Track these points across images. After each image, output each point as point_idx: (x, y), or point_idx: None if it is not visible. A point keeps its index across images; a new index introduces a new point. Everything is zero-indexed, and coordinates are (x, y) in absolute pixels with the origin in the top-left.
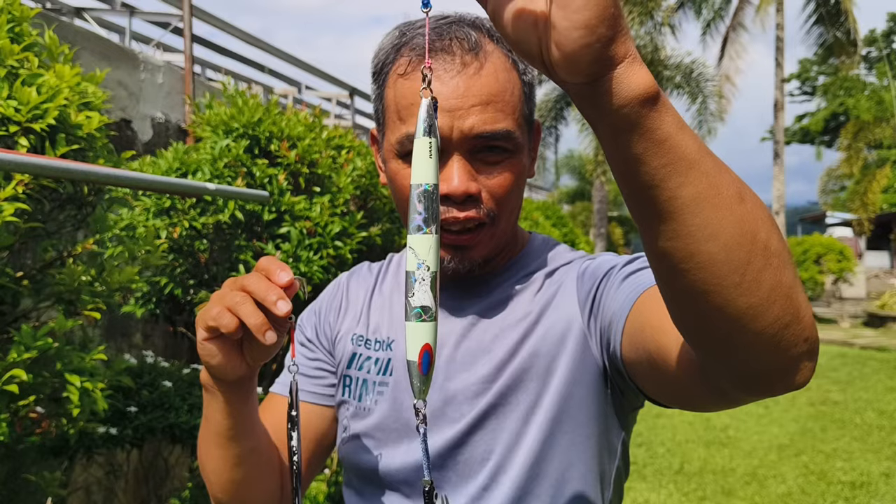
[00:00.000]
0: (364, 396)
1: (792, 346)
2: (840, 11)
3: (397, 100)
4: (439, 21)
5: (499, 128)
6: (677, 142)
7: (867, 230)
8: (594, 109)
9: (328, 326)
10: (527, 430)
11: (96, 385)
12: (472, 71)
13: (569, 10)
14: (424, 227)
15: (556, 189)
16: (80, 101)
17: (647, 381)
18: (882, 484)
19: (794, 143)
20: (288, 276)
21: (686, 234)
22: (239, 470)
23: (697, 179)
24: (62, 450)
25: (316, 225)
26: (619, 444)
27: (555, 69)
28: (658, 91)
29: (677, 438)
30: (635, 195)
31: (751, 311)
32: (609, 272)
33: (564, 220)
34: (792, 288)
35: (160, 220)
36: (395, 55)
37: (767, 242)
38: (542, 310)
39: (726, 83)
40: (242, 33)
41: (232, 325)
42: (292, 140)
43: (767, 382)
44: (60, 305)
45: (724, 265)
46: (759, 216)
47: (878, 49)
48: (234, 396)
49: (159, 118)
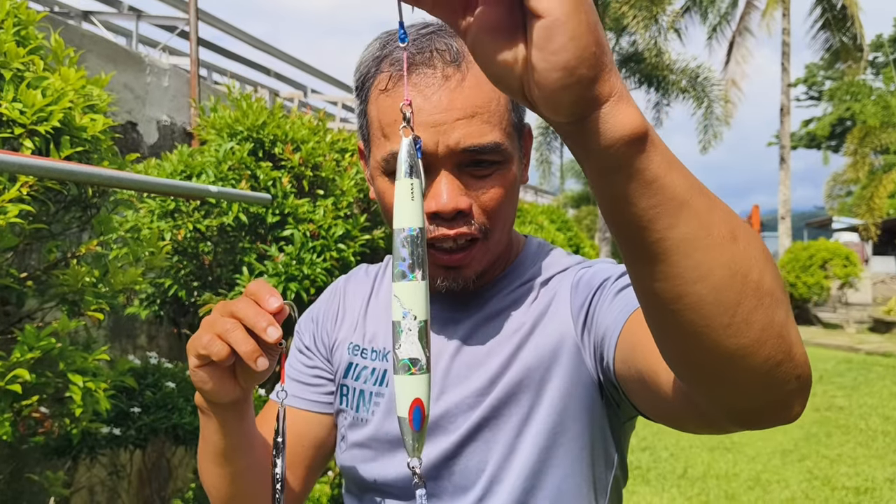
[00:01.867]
0: (361, 407)
1: (783, 383)
2: (846, 16)
3: (380, 116)
4: (420, 31)
5: (486, 141)
6: (666, 182)
7: (873, 235)
8: (580, 148)
9: (325, 334)
10: (521, 443)
11: (99, 385)
12: (454, 84)
13: (546, 52)
14: (410, 274)
15: (561, 193)
16: (84, 104)
17: (638, 398)
18: (887, 490)
19: (800, 148)
20: (278, 301)
21: (675, 275)
22: (237, 485)
23: (687, 220)
24: (65, 450)
25: (319, 227)
26: (615, 454)
27: (538, 107)
28: (646, 130)
29: (681, 443)
30: (622, 235)
31: (741, 351)
32: (603, 284)
33: (569, 224)
34: (784, 326)
35: (164, 222)
36: (375, 69)
37: (760, 282)
38: (535, 320)
39: (732, 88)
40: (248, 37)
41: (223, 352)
42: (296, 143)
43: (757, 417)
44: (64, 306)
45: (713, 306)
46: (752, 255)
47: (885, 54)
48: (229, 417)
49: (165, 121)
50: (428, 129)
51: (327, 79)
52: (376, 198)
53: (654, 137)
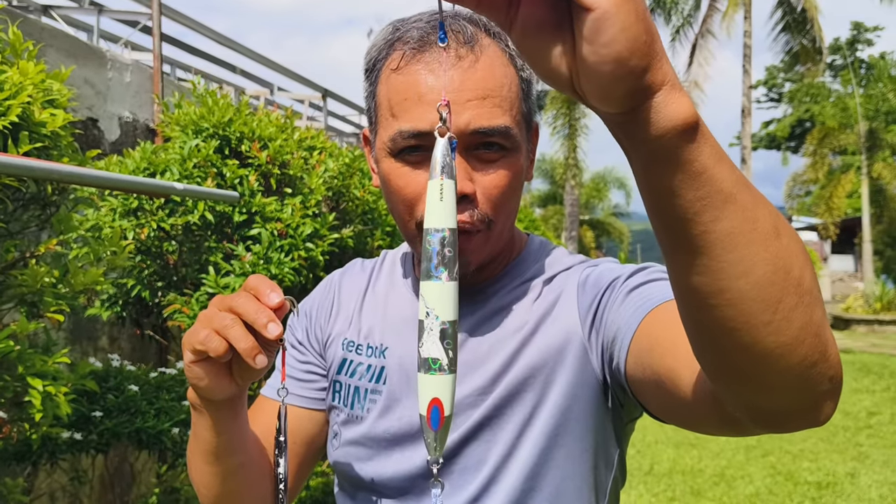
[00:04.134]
0: (356, 404)
1: (817, 384)
2: (806, 19)
3: (390, 95)
4: (433, 16)
5: (496, 123)
6: (714, 174)
7: (832, 234)
8: (628, 138)
9: (319, 329)
10: (522, 443)
11: (59, 389)
12: (467, 64)
13: (597, 45)
14: (436, 274)
15: (527, 193)
16: (44, 99)
17: (651, 400)
18: (847, 484)
19: (760, 149)
20: (279, 297)
21: (717, 269)
22: (229, 483)
23: (733, 214)
24: (25, 455)
25: (287, 226)
26: (616, 455)
27: (588, 99)
28: (698, 120)
29: (647, 439)
30: (666, 228)
31: (779, 349)
32: (613, 283)
33: (536, 223)
34: (821, 326)
35: (127, 220)
36: (388, 51)
37: (801, 279)
38: (539, 319)
39: (695, 89)
40: (213, 33)
41: (221, 348)
42: (263, 141)
43: (787, 419)
44: (23, 307)
45: (755, 303)
46: (794, 251)
47: (843, 57)
48: (223, 415)
49: (127, 117)
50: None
51: (294, 76)
52: (379, 184)
53: (704, 128)
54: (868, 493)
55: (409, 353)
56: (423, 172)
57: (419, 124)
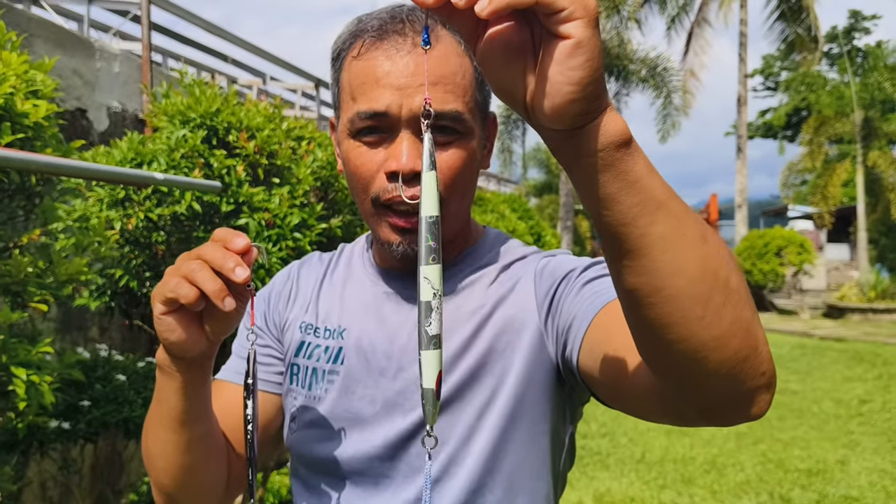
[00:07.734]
0: (314, 385)
1: (750, 378)
2: (802, 8)
3: (350, 80)
4: (396, 8)
5: (447, 108)
6: (647, 183)
7: (828, 223)
8: (573, 152)
9: (277, 314)
10: (481, 425)
11: (44, 378)
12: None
13: (564, 67)
14: (434, 257)
15: (523, 182)
16: (27, 90)
17: (601, 388)
18: (838, 471)
19: (756, 138)
20: (244, 241)
21: (654, 269)
22: (188, 455)
23: (666, 218)
24: (12, 445)
25: (275, 216)
26: (566, 438)
27: (537, 115)
28: (631, 136)
29: (639, 428)
30: (609, 233)
31: (712, 342)
32: (569, 274)
33: (531, 213)
34: (751, 324)
35: (114, 211)
36: (351, 41)
37: (727, 280)
38: (496, 303)
39: (691, 78)
40: (204, 22)
41: (191, 294)
42: (251, 131)
43: (724, 411)
44: (7, 297)
45: (688, 299)
46: (720, 256)
47: (839, 45)
48: (192, 377)
49: (116, 108)
50: (393, 92)
51: (286, 66)
52: (342, 166)
53: (636, 145)
54: (858, 479)
55: (367, 335)
56: (379, 152)
57: (375, 105)
